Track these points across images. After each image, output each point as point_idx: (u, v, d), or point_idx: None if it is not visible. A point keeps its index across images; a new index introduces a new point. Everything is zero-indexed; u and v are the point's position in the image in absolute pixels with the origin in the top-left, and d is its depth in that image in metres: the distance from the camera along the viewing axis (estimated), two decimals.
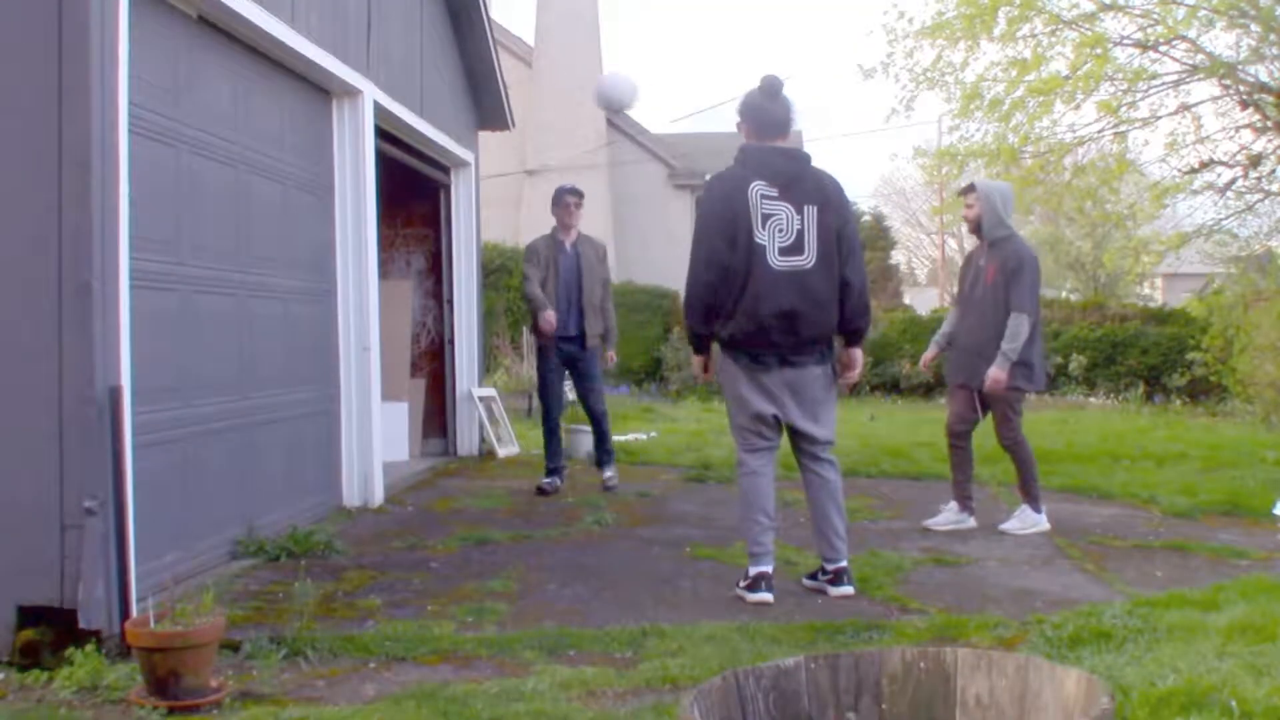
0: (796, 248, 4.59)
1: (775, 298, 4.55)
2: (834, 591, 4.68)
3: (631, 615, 4.38)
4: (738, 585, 4.72)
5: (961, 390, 6.24)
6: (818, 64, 70.32)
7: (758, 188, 4.58)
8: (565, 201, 7.53)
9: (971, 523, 6.23)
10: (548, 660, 3.86)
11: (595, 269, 7.54)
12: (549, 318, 7.29)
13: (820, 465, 4.77)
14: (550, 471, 7.64)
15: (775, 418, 4.71)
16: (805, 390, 4.70)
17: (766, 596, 4.59)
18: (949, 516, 6.28)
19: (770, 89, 4.74)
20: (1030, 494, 6.14)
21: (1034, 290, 5.97)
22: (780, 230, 4.58)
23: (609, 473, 7.73)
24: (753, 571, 4.66)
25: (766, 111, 4.72)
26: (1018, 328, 5.86)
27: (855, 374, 4.95)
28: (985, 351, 5.95)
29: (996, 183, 6.75)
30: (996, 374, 5.90)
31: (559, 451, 7.72)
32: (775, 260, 4.56)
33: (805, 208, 4.61)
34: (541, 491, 7.48)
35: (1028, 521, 6.11)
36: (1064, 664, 2.61)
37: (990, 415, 6.15)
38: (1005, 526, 6.15)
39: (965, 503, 6.29)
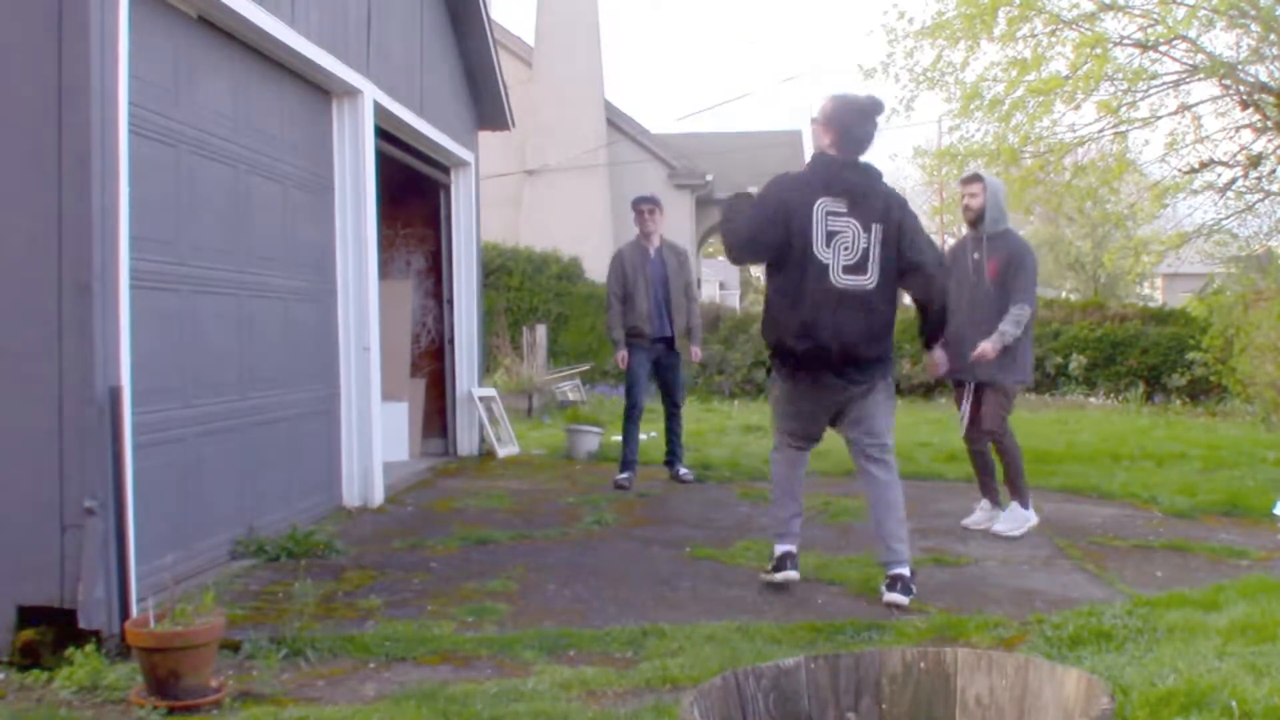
0: (861, 267, 4.54)
1: (837, 316, 4.50)
2: (884, 597, 4.56)
3: (631, 615, 4.38)
4: (767, 569, 4.87)
5: (960, 388, 6.16)
6: (818, 64, 70.33)
7: (824, 204, 4.52)
8: (639, 210, 7.93)
9: None
10: (548, 660, 3.86)
11: (677, 274, 7.91)
12: (621, 358, 7.86)
13: (874, 465, 4.73)
14: (626, 464, 7.85)
15: (819, 431, 4.85)
16: (864, 407, 4.70)
17: (791, 575, 4.77)
18: (983, 515, 6.28)
19: (873, 109, 4.67)
20: (1017, 489, 6.07)
21: (1034, 283, 5.97)
22: (846, 248, 4.52)
23: (683, 469, 8.08)
24: (778, 550, 4.83)
25: (859, 128, 4.64)
26: (1021, 315, 5.83)
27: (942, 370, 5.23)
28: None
29: (997, 179, 6.72)
30: (987, 347, 5.78)
31: (636, 443, 7.96)
32: (839, 278, 4.51)
33: (873, 226, 4.55)
34: (619, 487, 7.65)
35: (1018, 519, 6.04)
36: (1064, 664, 2.61)
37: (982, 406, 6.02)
38: (996, 528, 6.06)
39: (997, 499, 6.29)
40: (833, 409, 4.74)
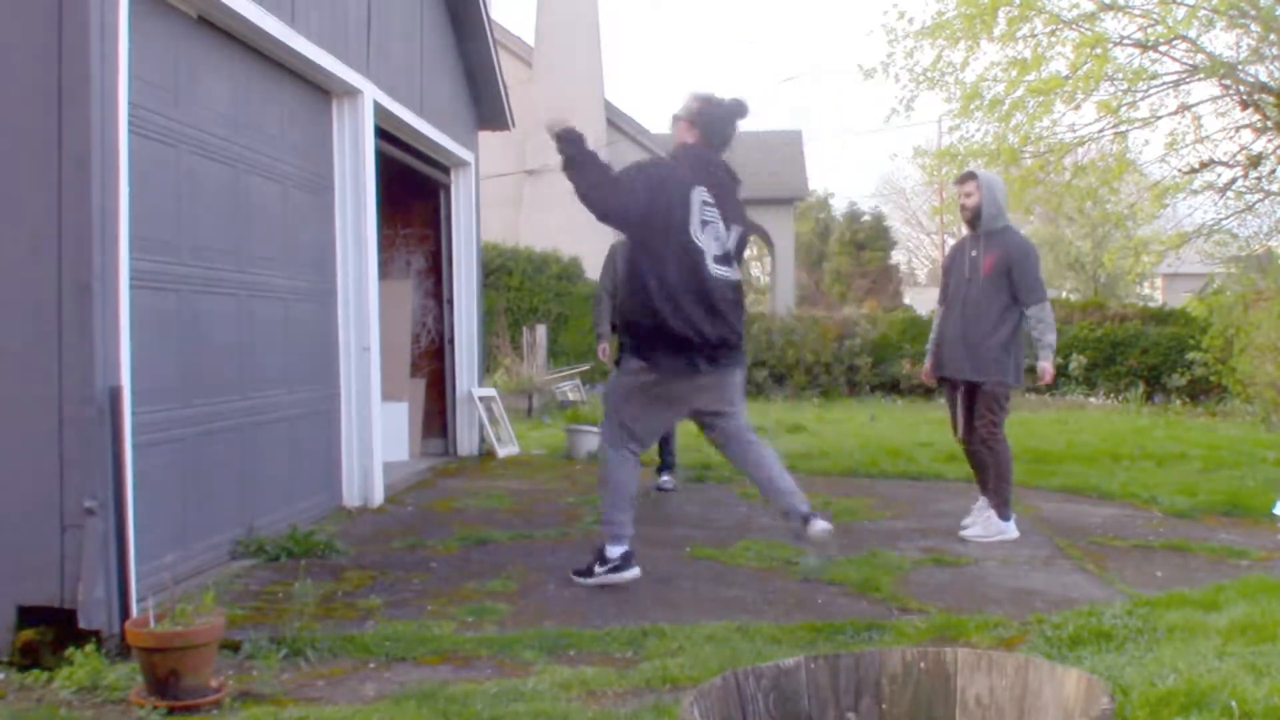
0: (727, 259, 4.76)
1: (715, 303, 4.66)
2: (812, 529, 4.63)
3: (631, 615, 4.38)
4: (594, 572, 4.87)
5: (952, 387, 6.05)
6: (818, 64, 70.32)
7: (700, 193, 4.66)
8: None
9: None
10: (548, 660, 3.86)
11: None
12: (603, 350, 7.77)
13: (748, 434, 4.90)
14: (665, 468, 7.67)
15: (664, 429, 5.01)
16: (728, 393, 4.87)
17: (637, 572, 4.87)
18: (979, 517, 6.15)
19: (738, 112, 4.86)
20: (1001, 497, 5.86)
21: (1040, 279, 5.87)
22: (717, 239, 4.71)
23: (665, 477, 7.69)
24: (618, 552, 4.86)
25: (724, 130, 4.84)
26: (1048, 316, 5.78)
27: None
28: (980, 343, 5.78)
29: (994, 174, 6.61)
30: (1047, 366, 5.79)
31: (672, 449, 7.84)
32: (713, 266, 4.67)
33: (733, 226, 4.78)
34: (661, 490, 7.55)
35: (993, 528, 5.86)
36: (1064, 664, 2.61)
37: (975, 409, 5.90)
38: (967, 533, 5.91)
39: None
40: (691, 400, 4.87)
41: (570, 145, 4.64)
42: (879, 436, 10.81)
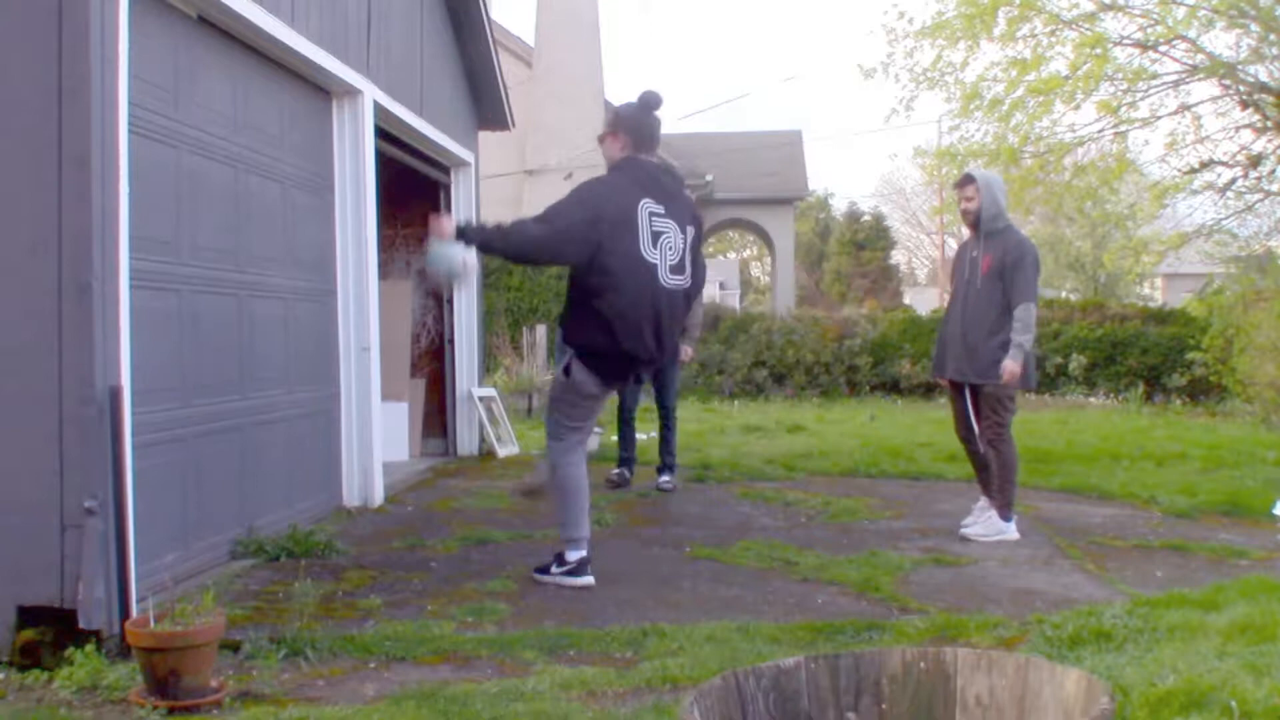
0: (681, 267, 4.77)
1: (666, 316, 4.71)
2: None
3: (631, 615, 4.38)
4: (551, 572, 4.90)
5: (954, 387, 6.03)
6: (818, 64, 70.34)
7: (647, 205, 4.64)
8: None
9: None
10: (548, 660, 3.86)
11: None
12: None
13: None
14: (622, 461, 7.85)
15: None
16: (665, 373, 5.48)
17: (591, 580, 4.85)
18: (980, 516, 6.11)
19: (651, 103, 4.80)
20: (1005, 499, 5.85)
21: (1035, 281, 5.81)
22: (670, 249, 4.70)
23: (665, 477, 7.65)
24: (575, 557, 4.87)
25: (648, 126, 4.79)
26: (1028, 318, 5.67)
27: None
28: (979, 345, 5.75)
29: (992, 173, 6.57)
30: (1012, 366, 5.67)
31: (632, 442, 7.93)
32: (666, 278, 4.69)
33: (686, 228, 4.77)
34: (611, 483, 7.65)
35: (994, 528, 5.85)
36: (1064, 664, 2.61)
37: (980, 410, 5.87)
38: (967, 531, 5.91)
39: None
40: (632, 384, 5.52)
41: (476, 236, 4.59)
42: (879, 436, 10.81)
